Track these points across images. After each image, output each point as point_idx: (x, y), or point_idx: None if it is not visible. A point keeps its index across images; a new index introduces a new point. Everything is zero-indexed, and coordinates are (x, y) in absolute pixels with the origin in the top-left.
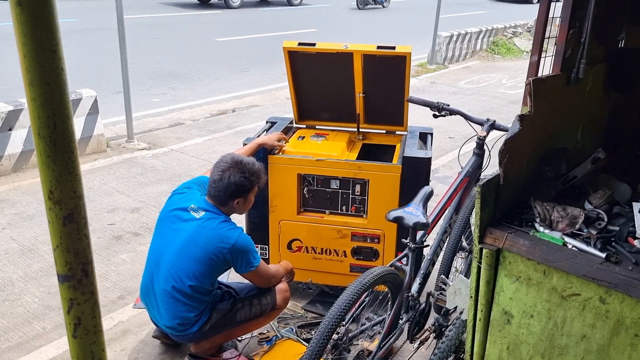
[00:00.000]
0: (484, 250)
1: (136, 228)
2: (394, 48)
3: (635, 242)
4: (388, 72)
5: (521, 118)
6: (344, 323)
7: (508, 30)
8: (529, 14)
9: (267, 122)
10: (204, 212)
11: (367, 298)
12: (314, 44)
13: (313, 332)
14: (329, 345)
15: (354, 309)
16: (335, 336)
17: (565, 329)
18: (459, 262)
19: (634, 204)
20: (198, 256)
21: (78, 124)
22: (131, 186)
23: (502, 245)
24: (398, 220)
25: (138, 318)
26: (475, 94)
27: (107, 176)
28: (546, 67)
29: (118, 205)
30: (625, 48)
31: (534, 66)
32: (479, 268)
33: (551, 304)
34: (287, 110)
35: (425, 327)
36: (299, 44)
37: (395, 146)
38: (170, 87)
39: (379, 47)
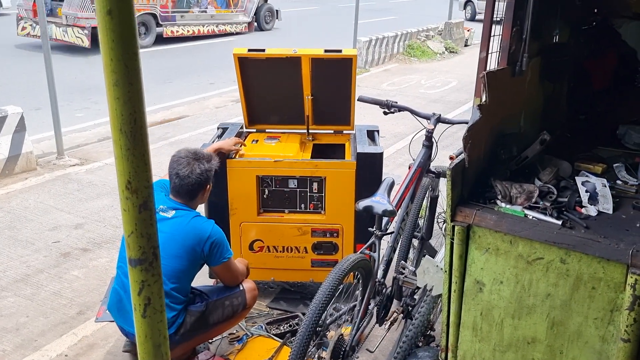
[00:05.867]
0: (456, 227)
1: (83, 244)
2: (340, 51)
3: (583, 210)
4: (335, 74)
5: (480, 107)
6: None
7: (421, 34)
8: (438, 18)
9: (218, 128)
10: (174, 211)
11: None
12: (263, 50)
13: (282, 327)
14: None
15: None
16: None
17: (531, 290)
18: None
19: (576, 178)
20: (177, 253)
21: (4, 142)
22: (70, 203)
23: (471, 221)
24: (368, 209)
25: (102, 331)
26: (398, 95)
27: (42, 194)
28: (474, 64)
29: (59, 222)
30: (556, 43)
31: (483, 61)
32: (451, 244)
33: (518, 269)
34: (218, 119)
35: (392, 310)
36: (249, 50)
37: (344, 145)
38: (92, 101)
39: (326, 51)
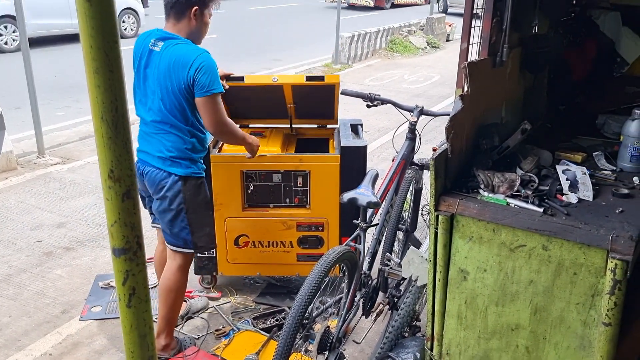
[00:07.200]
0: (440, 217)
1: (66, 243)
2: (322, 78)
3: (563, 197)
4: (318, 97)
5: (462, 97)
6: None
7: (403, 29)
8: (419, 14)
9: None
10: (162, 42)
11: (326, 279)
12: (242, 78)
13: (268, 322)
14: None
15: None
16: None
17: (514, 277)
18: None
19: (557, 166)
20: (167, 85)
21: None
22: (52, 202)
23: (455, 210)
24: (352, 201)
25: (87, 330)
26: (381, 90)
27: (23, 194)
28: (456, 59)
29: (41, 221)
30: (535, 34)
31: (464, 53)
32: (435, 234)
33: (501, 257)
34: None
35: (378, 301)
36: (228, 79)
37: (328, 139)
38: (73, 99)
39: (307, 78)
